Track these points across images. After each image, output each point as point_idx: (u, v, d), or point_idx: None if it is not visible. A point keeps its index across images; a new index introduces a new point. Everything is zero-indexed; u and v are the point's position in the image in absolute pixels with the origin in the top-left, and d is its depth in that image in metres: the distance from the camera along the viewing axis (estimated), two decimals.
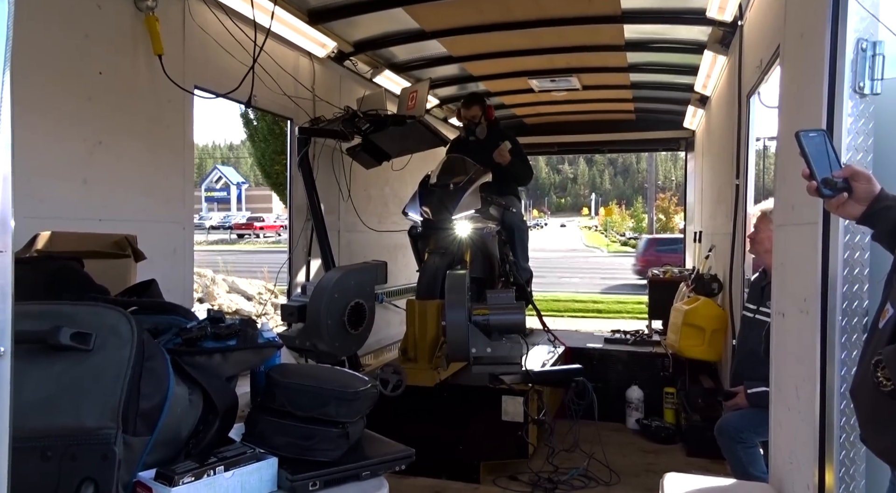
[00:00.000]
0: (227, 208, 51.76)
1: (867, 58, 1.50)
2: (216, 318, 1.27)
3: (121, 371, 1.02)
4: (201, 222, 36.88)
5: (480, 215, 3.99)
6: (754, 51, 3.21)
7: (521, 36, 4.43)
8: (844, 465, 1.53)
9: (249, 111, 15.74)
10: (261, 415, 1.24)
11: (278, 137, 14.71)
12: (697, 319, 4.13)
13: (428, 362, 3.42)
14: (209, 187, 51.93)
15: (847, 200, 1.27)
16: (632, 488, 3.33)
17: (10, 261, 0.73)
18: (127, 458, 1.02)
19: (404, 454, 1.27)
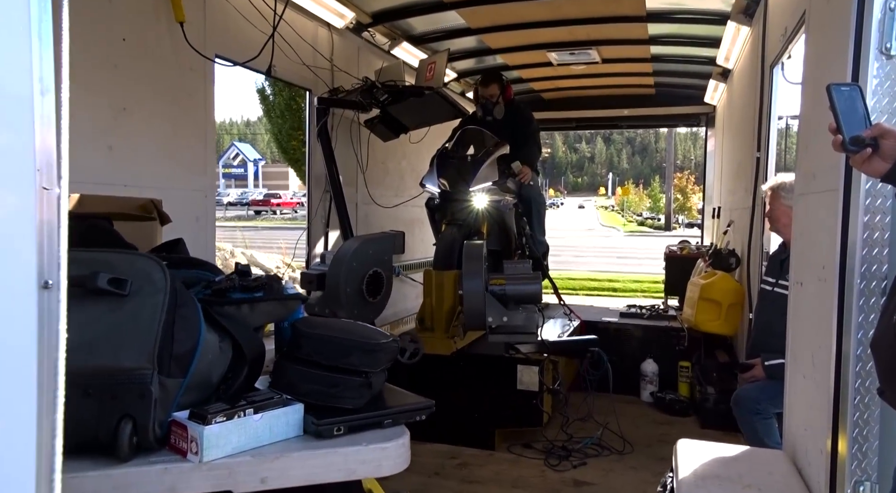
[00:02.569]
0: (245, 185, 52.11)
1: (895, 18, 1.48)
2: (244, 271, 1.31)
3: (155, 316, 1.06)
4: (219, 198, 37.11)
5: (498, 188, 4.00)
6: (779, 20, 3.15)
7: (541, 7, 4.38)
8: (858, 426, 1.55)
9: (266, 86, 15.76)
10: (287, 364, 1.28)
11: (295, 113, 14.72)
12: (714, 293, 4.12)
13: (445, 331, 3.47)
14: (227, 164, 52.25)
15: (872, 156, 1.26)
16: (645, 457, 3.38)
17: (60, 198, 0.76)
18: (162, 398, 1.07)
19: (425, 404, 1.31)
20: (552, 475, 3.14)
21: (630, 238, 28.25)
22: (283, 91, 14.85)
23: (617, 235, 30.95)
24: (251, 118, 79.68)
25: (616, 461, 3.33)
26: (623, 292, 12.22)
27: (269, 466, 1.10)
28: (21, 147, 0.74)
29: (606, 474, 3.17)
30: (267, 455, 1.11)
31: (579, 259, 17.61)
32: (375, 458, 1.17)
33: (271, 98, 15.46)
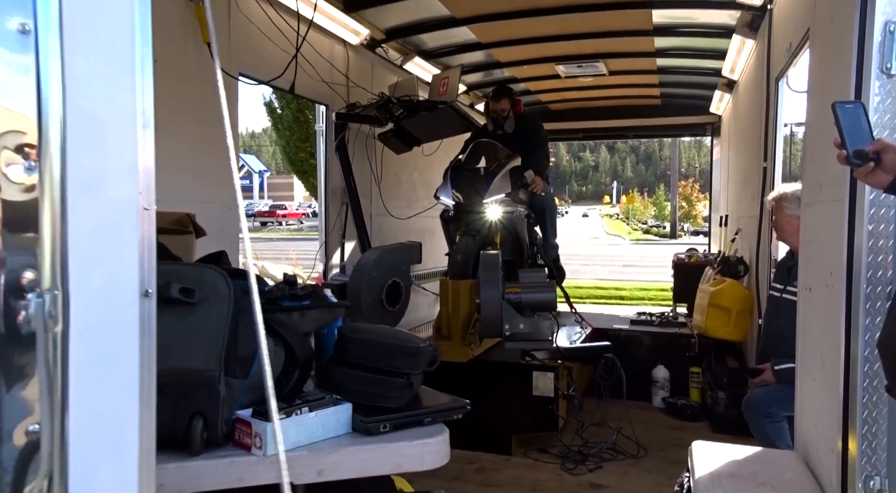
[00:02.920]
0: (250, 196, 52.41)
1: (895, 40, 1.58)
2: (291, 281, 1.41)
3: (222, 322, 1.17)
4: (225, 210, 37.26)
5: (510, 199, 4.11)
6: (783, 34, 3.26)
7: (550, 22, 4.50)
8: (867, 424, 1.63)
9: (274, 99, 15.97)
10: (335, 366, 1.38)
11: (303, 125, 14.91)
12: (723, 300, 4.20)
13: (461, 339, 3.56)
14: None
15: (875, 169, 1.35)
16: (658, 460, 3.45)
17: (154, 217, 0.87)
18: (227, 397, 1.17)
19: (461, 404, 1.41)
20: (569, 479, 3.21)
21: (636, 246, 28.27)
22: (291, 103, 15.05)
23: (623, 244, 30.97)
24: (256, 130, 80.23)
25: (631, 465, 3.40)
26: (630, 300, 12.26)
27: (324, 459, 1.19)
28: (127, 173, 0.84)
29: (622, 477, 3.24)
30: (322, 450, 1.20)
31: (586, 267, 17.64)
32: (419, 453, 1.26)
33: (279, 111, 15.66)
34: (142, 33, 0.85)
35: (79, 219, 0.77)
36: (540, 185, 4.43)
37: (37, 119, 0.74)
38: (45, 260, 0.74)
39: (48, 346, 0.75)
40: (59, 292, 0.75)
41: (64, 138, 0.75)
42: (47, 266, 0.74)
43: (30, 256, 0.74)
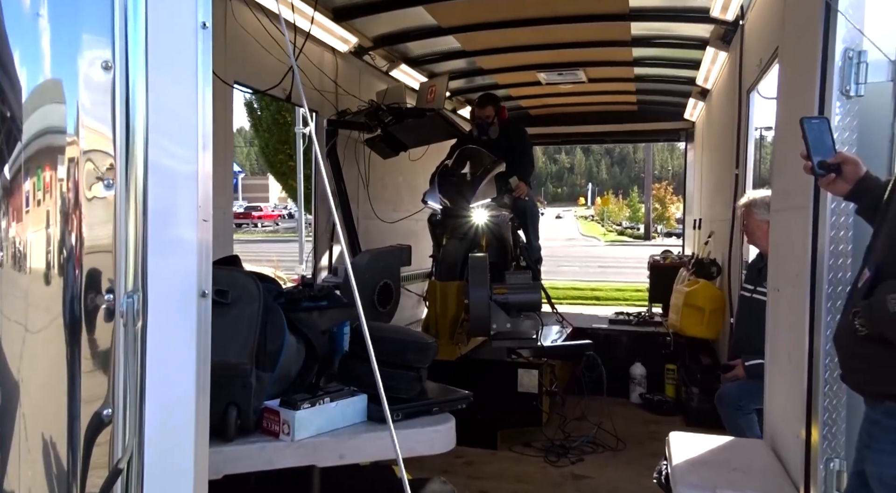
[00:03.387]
0: None
1: (853, 65, 1.75)
2: (308, 283, 1.53)
3: (253, 321, 1.28)
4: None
5: (495, 203, 4.25)
6: (754, 49, 3.46)
7: (532, 32, 4.65)
8: (828, 411, 1.81)
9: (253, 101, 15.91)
10: (353, 361, 1.50)
11: (282, 127, 14.89)
12: (697, 300, 4.40)
13: (449, 338, 3.69)
14: None
15: (836, 179, 1.52)
16: (637, 452, 3.62)
17: (210, 227, 0.99)
18: (258, 388, 1.29)
19: (465, 395, 1.54)
20: (552, 471, 3.37)
21: (611, 248, 28.71)
22: (270, 106, 15.02)
23: (598, 245, 31.41)
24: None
25: (611, 457, 3.57)
26: (606, 301, 12.51)
27: (345, 445, 1.32)
28: (190, 190, 0.96)
29: (602, 468, 3.41)
30: (343, 436, 1.33)
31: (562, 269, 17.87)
32: (429, 438, 1.39)
33: (259, 112, 15.61)
34: (203, 65, 0.96)
35: (155, 232, 0.88)
36: (524, 190, 4.59)
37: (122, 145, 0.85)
38: (129, 267, 0.85)
39: (132, 340, 0.86)
40: (140, 293, 0.87)
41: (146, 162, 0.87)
42: (131, 272, 0.86)
43: (116, 263, 0.85)
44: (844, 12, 1.73)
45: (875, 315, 1.17)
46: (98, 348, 0.87)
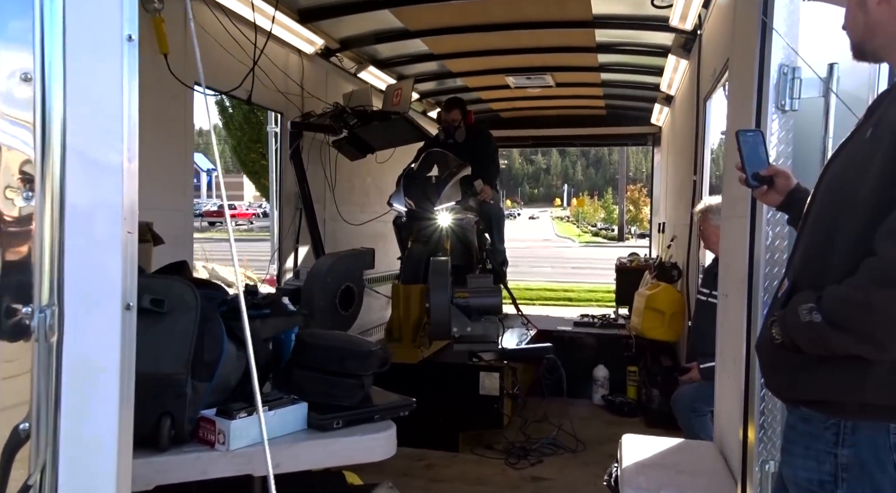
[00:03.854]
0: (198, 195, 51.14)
1: (788, 81, 1.82)
2: (252, 291, 1.53)
3: (189, 330, 1.28)
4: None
5: (460, 206, 4.28)
6: (710, 59, 3.55)
7: (499, 37, 4.70)
8: (764, 414, 1.87)
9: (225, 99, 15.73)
10: (293, 369, 1.51)
11: (254, 126, 14.76)
12: (658, 303, 4.49)
13: (412, 342, 3.71)
14: None
15: (769, 191, 1.58)
16: (596, 454, 3.68)
17: (136, 240, 0.99)
18: (193, 398, 1.29)
19: (406, 402, 1.56)
20: (512, 473, 3.41)
21: (585, 249, 29.00)
22: (242, 104, 14.86)
23: (573, 246, 31.72)
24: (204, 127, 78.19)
25: (570, 459, 3.63)
26: (578, 302, 12.64)
27: (282, 453, 1.32)
28: (114, 202, 0.96)
29: (561, 470, 3.46)
30: (280, 445, 1.33)
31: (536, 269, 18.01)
32: (369, 446, 1.41)
33: (230, 110, 15.43)
34: (129, 78, 0.97)
35: (73, 243, 0.88)
36: (489, 193, 4.63)
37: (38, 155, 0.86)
38: (44, 279, 0.86)
39: (46, 354, 0.86)
40: (56, 307, 0.87)
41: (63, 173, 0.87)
42: (46, 285, 0.86)
43: (31, 275, 0.85)
44: (779, 30, 1.80)
45: (789, 324, 1.22)
46: (14, 362, 0.88)
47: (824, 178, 1.34)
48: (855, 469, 1.20)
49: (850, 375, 1.18)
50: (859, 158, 1.21)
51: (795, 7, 1.82)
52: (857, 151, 1.23)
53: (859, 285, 1.10)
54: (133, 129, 0.96)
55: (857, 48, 1.35)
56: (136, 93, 0.97)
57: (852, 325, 1.12)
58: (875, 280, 1.08)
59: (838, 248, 1.21)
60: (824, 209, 1.29)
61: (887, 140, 1.13)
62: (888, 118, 1.15)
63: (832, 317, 1.15)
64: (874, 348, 1.12)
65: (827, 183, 1.32)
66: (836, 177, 1.29)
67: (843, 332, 1.13)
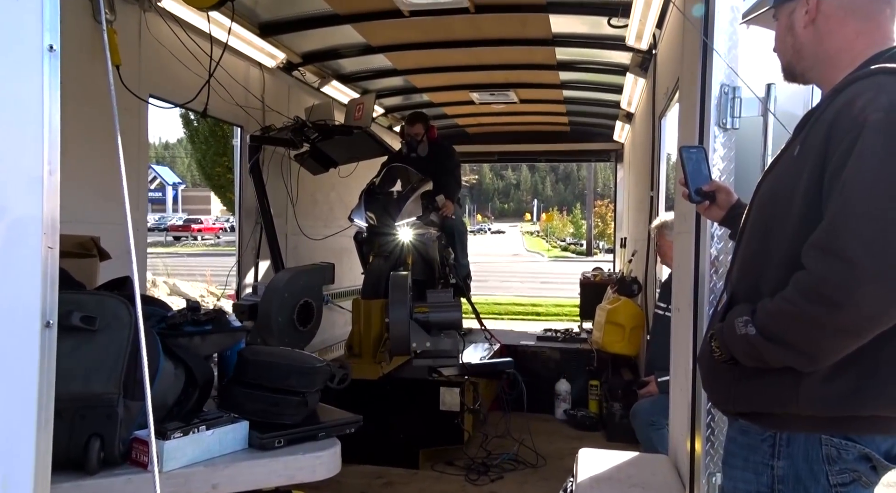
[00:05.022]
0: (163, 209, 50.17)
1: (729, 100, 1.88)
2: (194, 307, 1.50)
3: (121, 348, 1.25)
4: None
5: (421, 221, 4.28)
6: (664, 79, 3.64)
7: (461, 53, 4.76)
8: (710, 428, 1.90)
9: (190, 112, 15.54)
10: (234, 387, 1.47)
11: (220, 139, 14.59)
12: (619, 317, 4.54)
13: (372, 357, 3.68)
14: None
15: (711, 206, 1.61)
16: (556, 469, 3.67)
17: (57, 255, 0.96)
18: (126, 418, 1.25)
19: (353, 419, 1.54)
20: (472, 489, 3.38)
21: (554, 263, 29.24)
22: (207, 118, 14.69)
23: (542, 261, 31.95)
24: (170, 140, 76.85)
25: (530, 474, 3.62)
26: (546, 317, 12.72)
27: (220, 474, 1.29)
28: (34, 215, 0.93)
29: (521, 486, 3.45)
30: (218, 465, 1.30)
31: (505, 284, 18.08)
32: (311, 464, 1.38)
33: (195, 123, 15.22)
34: (51, 89, 0.94)
35: None
36: (450, 208, 4.64)
37: None
38: None
39: None
40: None
41: None
42: None
43: None
44: (720, 51, 1.85)
45: (726, 337, 1.24)
46: None
47: (758, 193, 1.37)
48: (790, 481, 1.22)
49: (783, 387, 1.20)
50: (788, 175, 1.24)
51: (736, 29, 1.89)
52: (786, 168, 1.27)
53: (790, 298, 1.13)
54: (55, 140, 0.94)
55: (787, 70, 1.40)
56: (57, 103, 0.95)
57: (784, 337, 1.15)
58: (803, 293, 1.11)
59: (771, 262, 1.25)
60: (757, 224, 1.33)
61: (812, 158, 1.17)
62: (813, 137, 1.19)
63: (765, 329, 1.17)
64: (805, 360, 1.15)
65: (760, 199, 1.36)
66: (767, 193, 1.33)
67: (776, 344, 1.16)
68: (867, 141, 1.07)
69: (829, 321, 1.08)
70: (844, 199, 1.08)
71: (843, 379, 1.15)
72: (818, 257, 1.09)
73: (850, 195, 1.07)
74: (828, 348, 1.12)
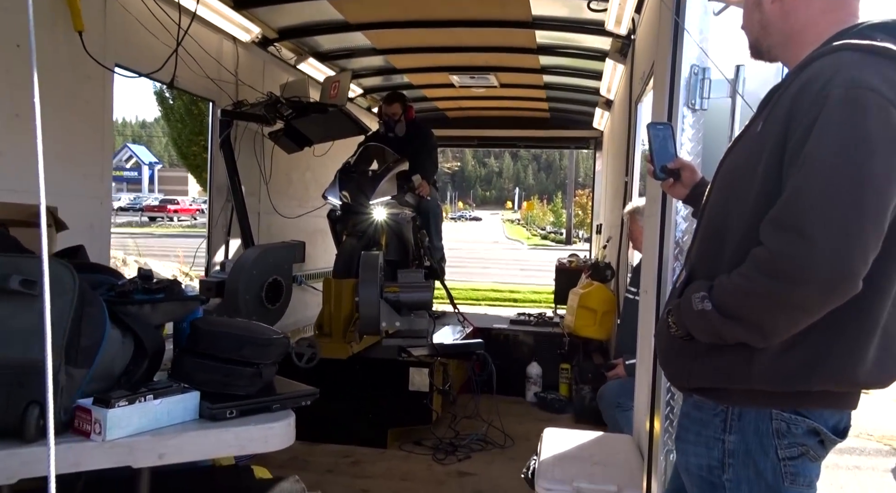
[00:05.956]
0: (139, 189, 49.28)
1: (698, 81, 1.87)
2: (146, 276, 1.46)
3: (64, 314, 1.20)
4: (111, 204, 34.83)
5: (396, 201, 4.24)
6: (641, 63, 3.63)
7: (441, 34, 4.69)
8: (669, 406, 1.91)
9: (165, 89, 15.21)
10: (186, 356, 1.44)
11: (196, 118, 14.31)
12: (591, 302, 4.57)
13: (342, 337, 3.65)
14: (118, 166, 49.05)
15: (675, 184, 1.61)
16: (524, 449, 3.70)
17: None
18: (68, 386, 1.21)
19: (309, 391, 1.51)
20: (438, 469, 3.39)
21: (533, 251, 29.39)
22: (183, 95, 14.40)
23: (521, 248, 32.09)
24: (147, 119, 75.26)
25: (498, 454, 3.64)
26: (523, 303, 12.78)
27: (166, 443, 1.26)
28: None
29: (488, 465, 3.47)
30: (165, 434, 1.27)
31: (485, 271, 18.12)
32: (263, 435, 1.35)
33: (171, 101, 14.91)
34: None
35: None
36: (426, 189, 4.61)
37: None
38: None
39: None
40: None
41: None
42: None
43: None
44: (691, 31, 1.84)
45: (683, 313, 1.24)
46: None
47: (720, 170, 1.37)
48: (740, 455, 1.23)
49: (737, 362, 1.21)
50: (751, 151, 1.24)
51: (707, 10, 1.88)
52: (749, 144, 1.27)
53: (746, 274, 1.13)
54: None
55: (753, 47, 1.39)
56: None
57: (739, 313, 1.15)
58: (759, 269, 1.10)
59: (730, 239, 1.24)
60: (718, 201, 1.32)
61: (774, 134, 1.17)
62: (776, 114, 1.19)
63: (722, 305, 1.17)
64: (759, 336, 1.15)
65: (721, 175, 1.35)
66: (729, 169, 1.33)
67: (732, 320, 1.16)
68: (828, 117, 1.06)
69: (784, 297, 1.08)
70: (803, 175, 1.07)
71: (794, 355, 1.15)
72: (775, 233, 1.08)
73: (809, 171, 1.07)
74: (781, 324, 1.12)
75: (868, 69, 1.06)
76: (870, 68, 1.06)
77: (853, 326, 1.13)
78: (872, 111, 1.03)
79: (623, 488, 2.14)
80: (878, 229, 1.04)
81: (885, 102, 1.03)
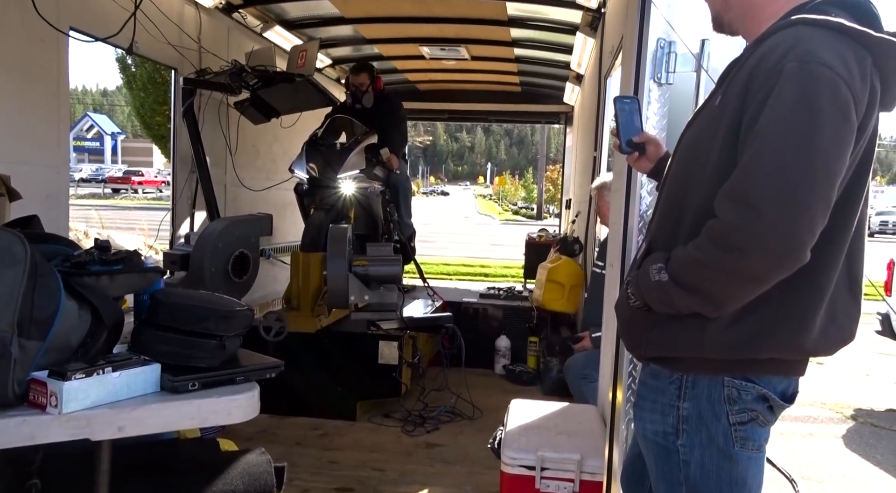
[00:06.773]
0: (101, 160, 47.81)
1: (664, 54, 1.88)
2: (103, 246, 1.42)
3: (15, 285, 1.17)
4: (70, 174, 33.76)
5: (365, 175, 4.20)
6: (610, 37, 3.63)
7: (411, 3, 4.61)
8: (631, 376, 1.96)
9: (127, 56, 14.65)
10: (146, 329, 1.41)
11: (160, 86, 13.86)
12: (559, 276, 4.63)
13: (310, 311, 3.63)
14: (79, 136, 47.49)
15: (640, 158, 1.62)
16: (492, 421, 3.74)
17: None
18: (21, 359, 1.18)
19: (274, 363, 1.50)
20: (407, 440, 3.43)
21: (504, 226, 29.54)
22: (146, 63, 13.91)
23: (492, 223, 32.22)
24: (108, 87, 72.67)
25: (466, 426, 3.70)
26: (494, 277, 12.88)
27: (126, 416, 1.24)
28: None
29: (456, 436, 3.52)
30: (124, 407, 1.25)
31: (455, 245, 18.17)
32: (226, 408, 1.35)
33: (133, 69, 14.40)
34: None
35: None
36: (395, 162, 4.57)
37: None
38: None
39: None
40: None
41: None
42: None
43: None
44: (658, 4, 1.84)
45: (641, 284, 1.27)
46: None
47: (680, 144, 1.39)
48: (693, 421, 1.28)
49: (691, 332, 1.24)
50: (709, 125, 1.25)
51: None
52: (707, 118, 1.28)
53: (700, 245, 1.15)
54: None
55: (715, 20, 1.40)
56: None
57: (694, 284, 1.17)
58: (713, 241, 1.13)
59: (688, 211, 1.26)
60: (678, 174, 1.34)
61: (731, 108, 1.18)
62: (733, 87, 1.20)
63: (677, 276, 1.20)
64: (712, 306, 1.18)
65: (681, 149, 1.37)
66: (688, 143, 1.34)
67: (686, 291, 1.19)
68: (781, 90, 1.08)
69: (736, 268, 1.11)
70: (756, 147, 1.09)
71: (745, 324, 1.19)
72: (728, 205, 1.11)
73: (762, 144, 1.09)
74: (733, 294, 1.15)
75: (823, 44, 1.08)
76: (824, 44, 1.08)
77: (800, 295, 1.17)
78: (824, 85, 1.05)
79: (586, 456, 2.20)
80: (825, 202, 1.07)
81: (836, 76, 1.05)
